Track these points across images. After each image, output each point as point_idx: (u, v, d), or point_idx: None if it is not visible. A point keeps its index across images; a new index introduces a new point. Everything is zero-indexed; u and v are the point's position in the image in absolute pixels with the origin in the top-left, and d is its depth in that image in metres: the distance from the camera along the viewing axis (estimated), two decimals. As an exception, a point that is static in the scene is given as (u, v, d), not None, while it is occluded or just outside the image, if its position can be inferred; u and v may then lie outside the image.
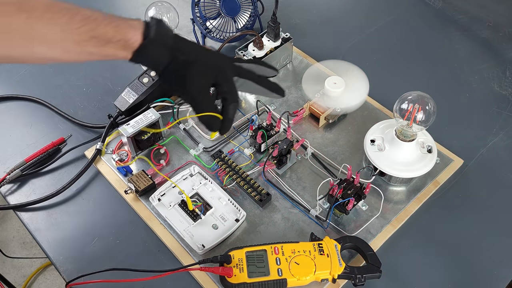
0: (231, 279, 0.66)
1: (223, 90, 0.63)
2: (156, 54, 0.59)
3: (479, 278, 0.73)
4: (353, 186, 0.75)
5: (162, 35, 0.58)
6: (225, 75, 0.63)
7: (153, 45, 0.58)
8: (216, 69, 0.62)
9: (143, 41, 0.57)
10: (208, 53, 0.63)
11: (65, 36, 0.53)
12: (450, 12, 1.17)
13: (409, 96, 0.76)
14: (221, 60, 0.64)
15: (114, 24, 0.56)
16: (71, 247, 0.76)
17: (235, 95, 0.64)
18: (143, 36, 0.57)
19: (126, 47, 0.57)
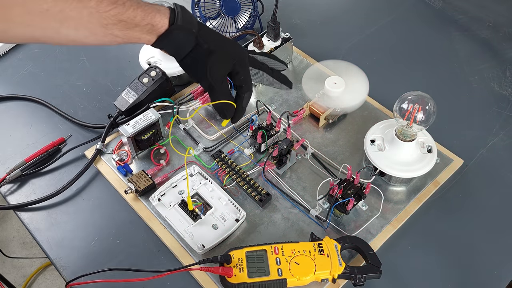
0: (231, 279, 0.66)
1: (240, 79, 0.65)
2: (180, 40, 0.60)
3: (479, 278, 0.73)
4: (353, 186, 0.75)
5: (188, 21, 0.60)
6: (243, 64, 0.65)
7: (179, 30, 0.59)
8: (235, 58, 0.64)
9: (169, 26, 0.58)
10: (228, 42, 0.65)
11: (93, 19, 0.53)
12: (450, 12, 1.17)
13: (409, 96, 0.76)
14: (240, 50, 0.66)
15: (142, 8, 0.56)
16: (71, 247, 0.76)
17: (250, 84, 0.67)
18: (170, 21, 0.58)
19: (152, 31, 0.58)
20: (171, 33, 0.59)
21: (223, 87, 0.65)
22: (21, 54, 1.07)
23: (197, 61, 0.63)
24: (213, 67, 0.63)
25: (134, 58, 1.00)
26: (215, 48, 0.62)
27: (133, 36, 0.58)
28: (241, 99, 0.67)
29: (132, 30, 0.57)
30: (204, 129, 0.89)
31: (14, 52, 1.07)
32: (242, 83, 0.66)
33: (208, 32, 0.63)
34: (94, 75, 1.02)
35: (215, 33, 0.64)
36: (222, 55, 0.63)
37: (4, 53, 1.07)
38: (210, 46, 0.62)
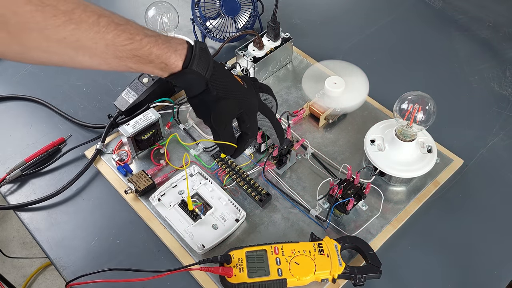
0: (231, 279, 0.66)
1: (246, 127, 0.66)
2: (191, 82, 0.61)
3: (479, 278, 0.73)
4: (353, 186, 0.75)
5: (203, 66, 0.60)
6: (251, 114, 0.66)
7: (191, 74, 0.60)
8: (243, 108, 0.64)
9: (182, 69, 0.59)
10: (239, 91, 0.65)
11: (108, 51, 0.54)
12: (450, 12, 1.17)
13: (409, 96, 0.76)
14: (251, 99, 0.66)
15: (159, 47, 0.57)
16: (71, 247, 0.76)
17: (255, 131, 0.68)
18: (184, 64, 0.59)
19: (165, 69, 0.59)
20: (183, 75, 0.60)
21: (225, 132, 0.65)
22: (21, 54, 1.07)
23: (203, 104, 0.64)
24: (219, 113, 0.63)
25: (134, 58, 1.00)
26: (223, 96, 0.63)
27: (146, 70, 0.59)
28: (244, 142, 0.68)
29: (146, 66, 0.58)
30: (204, 129, 0.89)
31: (14, 52, 1.07)
32: (248, 131, 0.66)
33: (221, 78, 0.63)
34: (94, 75, 1.02)
35: (228, 80, 0.64)
36: (229, 104, 0.63)
37: (4, 53, 1.07)
38: (219, 93, 0.62)
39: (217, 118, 0.64)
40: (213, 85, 0.61)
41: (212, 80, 0.61)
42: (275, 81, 0.98)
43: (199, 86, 0.61)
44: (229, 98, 0.63)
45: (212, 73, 0.61)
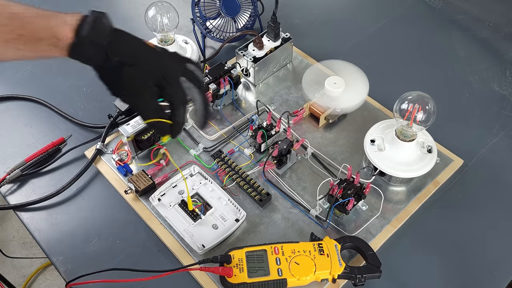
0: (231, 279, 0.66)
1: (167, 93, 0.58)
2: (88, 53, 0.55)
3: (479, 278, 0.73)
4: (353, 186, 0.75)
5: (97, 32, 0.54)
6: (168, 78, 0.58)
7: (84, 43, 0.54)
8: (156, 72, 0.57)
9: (73, 39, 0.54)
10: (149, 54, 0.58)
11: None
12: (450, 12, 1.17)
13: (409, 96, 0.76)
14: (164, 61, 0.59)
15: (45, 20, 0.53)
16: (71, 247, 0.76)
17: (182, 97, 0.60)
18: (75, 33, 0.54)
19: (59, 45, 0.54)
20: (76, 46, 0.54)
21: (145, 105, 0.58)
22: (21, 54, 1.07)
23: (111, 76, 0.57)
24: (129, 83, 0.56)
25: (134, 58, 1.00)
26: (129, 62, 0.56)
27: (40, 50, 0.54)
28: (174, 114, 0.59)
29: (36, 45, 0.53)
30: (204, 129, 0.89)
31: (14, 52, 1.07)
32: (171, 98, 0.59)
33: (123, 43, 0.56)
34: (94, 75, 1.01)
35: (133, 44, 0.57)
36: (138, 70, 0.56)
37: (4, 53, 1.07)
38: (124, 59, 0.56)
39: (128, 90, 0.57)
40: (112, 51, 0.55)
41: (111, 45, 0.55)
42: (275, 81, 0.98)
43: (99, 56, 0.55)
44: (137, 63, 0.56)
45: (111, 38, 0.55)
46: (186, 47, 0.98)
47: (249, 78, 0.98)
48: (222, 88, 0.89)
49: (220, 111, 0.92)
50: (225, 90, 0.90)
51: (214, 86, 0.88)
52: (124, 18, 1.15)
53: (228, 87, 0.90)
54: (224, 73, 0.89)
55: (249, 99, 0.95)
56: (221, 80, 0.89)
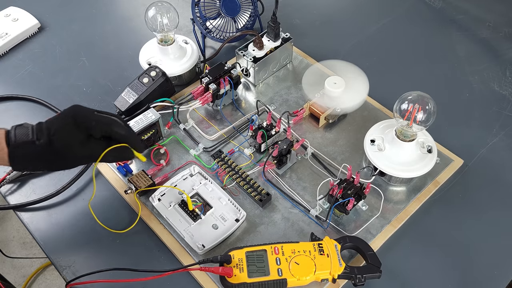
0: (231, 279, 0.66)
1: (93, 126, 0.63)
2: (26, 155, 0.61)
3: (479, 278, 0.73)
4: (353, 186, 0.75)
5: (22, 134, 0.61)
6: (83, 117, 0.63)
7: (17, 148, 0.60)
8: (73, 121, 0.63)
9: (8, 148, 0.60)
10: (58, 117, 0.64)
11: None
12: (450, 12, 1.17)
13: (409, 96, 0.76)
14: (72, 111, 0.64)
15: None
16: (71, 247, 0.76)
17: (108, 120, 0.65)
18: (7, 144, 0.60)
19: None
20: (14, 152, 0.60)
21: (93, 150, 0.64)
22: (21, 54, 1.07)
23: (52, 158, 0.62)
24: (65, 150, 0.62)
25: (134, 58, 1.00)
26: (50, 133, 0.62)
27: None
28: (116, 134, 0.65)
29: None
30: (204, 129, 0.89)
31: (14, 52, 1.07)
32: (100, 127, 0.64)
33: (41, 128, 0.62)
34: (94, 75, 1.02)
35: (44, 122, 0.63)
36: (59, 133, 0.62)
37: (4, 53, 1.07)
38: (47, 136, 0.61)
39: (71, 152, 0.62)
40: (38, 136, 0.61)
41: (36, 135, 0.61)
42: (275, 81, 0.99)
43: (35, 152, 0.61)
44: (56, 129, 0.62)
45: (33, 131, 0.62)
46: (186, 47, 0.98)
47: (249, 78, 0.98)
48: (222, 88, 0.89)
49: (220, 111, 0.92)
50: (225, 90, 0.90)
51: (214, 86, 0.88)
52: (124, 18, 1.15)
53: (228, 87, 0.90)
54: (224, 73, 0.89)
55: (249, 99, 0.95)
56: (221, 80, 0.89)
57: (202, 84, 0.89)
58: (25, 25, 1.09)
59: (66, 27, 1.13)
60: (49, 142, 0.61)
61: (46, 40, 1.10)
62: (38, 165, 0.63)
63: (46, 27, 1.13)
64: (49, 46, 1.08)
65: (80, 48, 1.07)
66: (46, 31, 1.12)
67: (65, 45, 1.08)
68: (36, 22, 1.11)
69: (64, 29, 1.12)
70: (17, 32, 1.08)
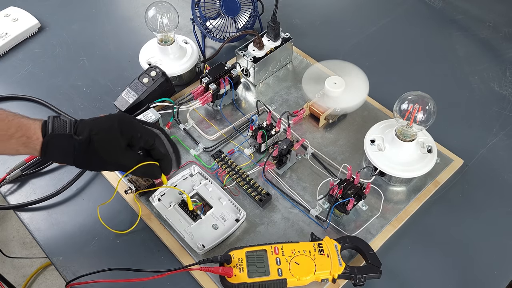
0: (231, 279, 0.66)
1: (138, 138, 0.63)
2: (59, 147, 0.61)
3: (479, 278, 0.73)
4: (353, 186, 0.75)
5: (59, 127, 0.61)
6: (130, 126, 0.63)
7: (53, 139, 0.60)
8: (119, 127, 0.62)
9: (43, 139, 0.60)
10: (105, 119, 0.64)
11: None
12: (450, 12, 1.17)
13: (409, 96, 0.76)
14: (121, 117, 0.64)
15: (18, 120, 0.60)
16: (71, 247, 0.76)
17: (153, 134, 0.65)
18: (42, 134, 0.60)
19: (28, 144, 0.60)
20: (48, 143, 0.60)
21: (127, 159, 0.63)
22: (21, 54, 1.07)
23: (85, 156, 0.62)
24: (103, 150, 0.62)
25: (134, 58, 1.00)
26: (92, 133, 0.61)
27: (10, 148, 0.60)
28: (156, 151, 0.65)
29: (7, 142, 0.59)
30: (204, 129, 0.89)
31: (14, 52, 1.07)
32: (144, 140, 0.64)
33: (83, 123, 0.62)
34: (94, 75, 1.02)
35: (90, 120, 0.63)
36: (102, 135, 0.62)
37: (4, 53, 1.07)
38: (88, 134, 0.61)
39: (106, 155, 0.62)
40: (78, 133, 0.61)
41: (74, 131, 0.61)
42: (275, 81, 0.99)
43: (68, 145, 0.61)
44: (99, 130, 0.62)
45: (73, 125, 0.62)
46: (186, 47, 0.98)
47: (249, 78, 0.98)
48: (222, 88, 0.89)
49: (220, 111, 0.92)
50: (225, 90, 0.90)
51: (214, 86, 0.88)
52: (124, 18, 1.15)
53: (228, 87, 0.91)
54: (224, 73, 0.89)
55: (249, 99, 0.95)
56: (221, 80, 0.89)
57: (202, 84, 0.89)
58: (25, 25, 1.09)
59: (66, 27, 1.13)
60: (88, 141, 0.61)
61: (46, 40, 1.10)
62: (69, 160, 0.62)
63: (46, 27, 1.13)
64: (49, 46, 1.08)
65: (80, 48, 1.07)
66: (46, 31, 1.12)
67: (65, 45, 1.08)
68: (36, 22, 1.11)
69: (64, 29, 1.12)
70: (17, 32, 1.08)
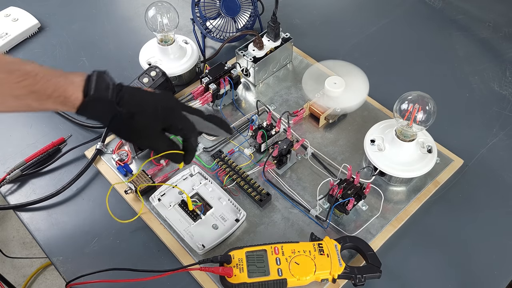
0: (231, 279, 0.66)
1: (178, 129, 0.63)
2: (98, 110, 0.60)
3: (479, 278, 0.73)
4: (353, 186, 0.75)
5: (103, 90, 0.59)
6: (174, 116, 0.63)
7: (94, 101, 0.58)
8: (162, 113, 0.62)
9: (83, 99, 0.58)
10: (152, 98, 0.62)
11: (4, 90, 0.54)
12: (450, 12, 1.17)
13: (409, 96, 0.76)
14: (166, 101, 0.63)
15: (55, 80, 0.57)
16: (71, 247, 0.76)
17: (192, 129, 0.64)
18: (84, 93, 0.58)
19: (66, 103, 0.58)
20: (87, 105, 0.59)
21: (159, 143, 0.63)
22: (21, 54, 1.07)
23: (123, 127, 0.62)
24: (140, 130, 0.61)
25: (134, 58, 1.00)
26: (135, 110, 0.60)
27: (48, 107, 0.58)
28: (188, 145, 0.64)
29: (45, 101, 0.57)
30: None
31: (14, 52, 1.07)
32: (182, 131, 0.63)
33: (127, 94, 0.60)
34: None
35: (136, 93, 0.62)
36: (144, 115, 0.61)
37: (4, 53, 1.07)
38: (131, 109, 0.60)
39: (141, 134, 0.62)
40: (120, 104, 0.60)
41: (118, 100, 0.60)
42: (275, 81, 0.99)
43: (107, 111, 0.60)
44: (143, 110, 0.61)
45: (117, 92, 0.60)
46: (186, 47, 0.98)
47: (249, 78, 0.98)
48: (222, 88, 0.89)
49: (220, 111, 0.92)
50: (225, 90, 0.90)
51: (214, 86, 0.88)
52: (124, 18, 1.15)
53: (228, 87, 0.90)
54: (224, 73, 0.89)
55: (249, 99, 0.95)
56: (221, 80, 0.89)
57: (202, 84, 0.89)
58: (25, 25, 1.09)
59: (66, 27, 1.13)
60: (129, 116, 0.60)
61: (46, 40, 1.10)
62: (103, 123, 0.62)
63: (46, 27, 1.13)
64: (49, 46, 1.08)
65: (80, 48, 1.07)
66: (46, 31, 1.12)
67: (65, 45, 1.08)
68: (36, 22, 1.11)
69: (64, 29, 1.12)
70: (17, 32, 1.08)
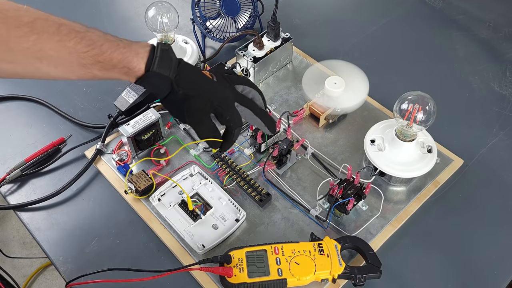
0: (231, 279, 0.66)
1: (226, 119, 0.64)
2: (157, 84, 0.61)
3: (479, 278, 0.73)
4: (353, 186, 0.75)
5: (165, 67, 0.60)
6: (225, 106, 0.64)
7: (154, 76, 0.60)
8: (216, 102, 0.63)
9: (145, 72, 0.59)
10: (207, 86, 0.64)
11: (72, 59, 0.55)
12: (450, 12, 1.17)
13: (409, 96, 0.76)
14: (222, 91, 0.65)
15: (120, 51, 0.58)
16: (71, 247, 0.76)
17: (238, 121, 0.66)
18: (147, 66, 0.59)
19: (129, 73, 0.60)
20: (147, 78, 0.60)
21: (204, 128, 0.64)
22: (21, 54, 1.07)
23: (175, 105, 0.64)
24: (191, 112, 0.63)
25: (134, 58, 1.00)
26: (192, 93, 0.62)
27: (112, 76, 0.59)
28: (230, 135, 0.66)
29: (110, 71, 0.58)
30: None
31: (14, 52, 1.07)
32: (228, 123, 0.65)
33: (186, 76, 0.62)
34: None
35: (195, 76, 0.64)
36: (199, 100, 0.62)
37: (4, 53, 1.07)
38: (187, 92, 0.62)
39: (191, 116, 0.63)
40: (178, 84, 0.61)
41: (176, 79, 0.61)
42: (275, 81, 0.99)
43: (165, 88, 0.61)
44: (198, 95, 0.62)
45: (177, 73, 0.61)
46: (186, 47, 0.98)
47: (249, 78, 0.98)
48: (222, 88, 0.89)
49: (220, 111, 0.92)
50: (225, 90, 0.90)
51: (214, 86, 0.88)
52: (124, 18, 1.15)
53: (228, 87, 0.90)
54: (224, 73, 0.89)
55: (249, 99, 0.95)
56: (221, 80, 0.88)
57: (202, 84, 0.88)
58: (25, 25, 1.09)
59: (66, 27, 1.12)
60: (184, 97, 0.61)
61: (46, 40, 1.10)
62: (159, 96, 0.63)
63: (46, 27, 1.13)
64: (49, 46, 1.08)
65: (80, 48, 1.07)
66: (46, 31, 1.12)
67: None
68: (36, 22, 1.10)
69: (64, 29, 1.12)
70: (17, 32, 1.08)
